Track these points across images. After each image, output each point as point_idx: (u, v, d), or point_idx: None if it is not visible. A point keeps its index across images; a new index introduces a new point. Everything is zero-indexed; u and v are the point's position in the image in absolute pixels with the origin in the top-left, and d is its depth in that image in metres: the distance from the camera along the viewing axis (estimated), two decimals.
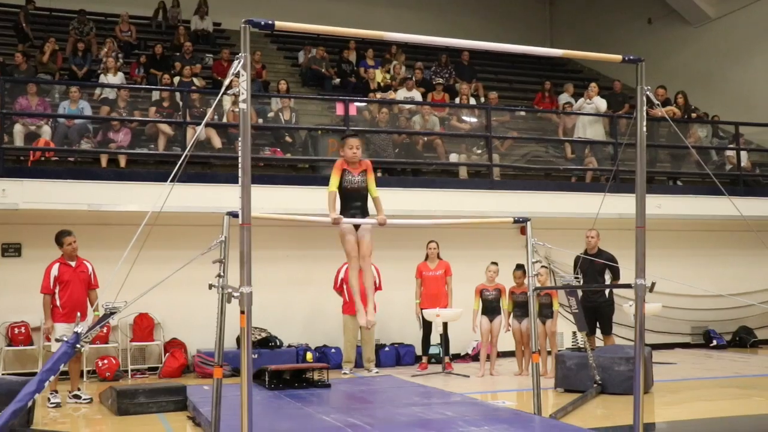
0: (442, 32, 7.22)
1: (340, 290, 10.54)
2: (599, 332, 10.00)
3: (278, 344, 10.74)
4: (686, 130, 13.60)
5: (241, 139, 4.21)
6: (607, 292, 9.89)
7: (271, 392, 8.01)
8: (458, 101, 13.69)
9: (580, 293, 8.90)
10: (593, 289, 9.74)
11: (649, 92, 5.20)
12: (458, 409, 6.88)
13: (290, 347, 10.80)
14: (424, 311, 10.27)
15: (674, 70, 16.83)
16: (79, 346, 4.47)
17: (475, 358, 11.31)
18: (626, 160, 11.79)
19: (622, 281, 9.47)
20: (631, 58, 5.19)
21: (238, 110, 4.28)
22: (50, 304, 8.28)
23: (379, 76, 15.05)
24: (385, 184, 10.47)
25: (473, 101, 14.12)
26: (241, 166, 4.17)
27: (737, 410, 7.76)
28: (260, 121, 11.78)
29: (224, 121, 11.36)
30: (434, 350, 10.74)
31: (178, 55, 14.22)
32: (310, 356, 10.65)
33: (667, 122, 11.68)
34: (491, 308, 10.09)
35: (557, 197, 11.91)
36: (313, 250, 11.01)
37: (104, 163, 10.68)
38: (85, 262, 8.49)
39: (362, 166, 6.02)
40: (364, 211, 6.04)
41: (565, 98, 14.73)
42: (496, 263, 10.22)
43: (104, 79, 12.53)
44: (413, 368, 10.70)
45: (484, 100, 14.45)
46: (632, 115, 7.39)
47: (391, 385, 8.69)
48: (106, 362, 10.06)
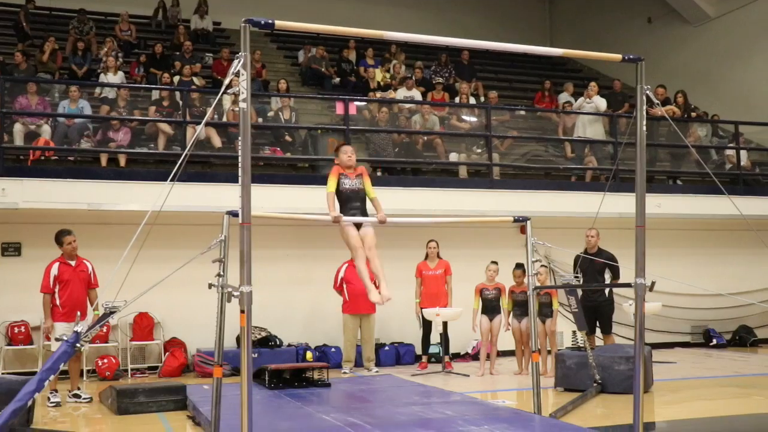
0: (442, 31, 7.23)
1: (340, 289, 10.54)
2: (599, 331, 9.98)
3: (278, 343, 10.75)
4: (686, 129, 13.59)
5: (241, 138, 4.21)
6: (606, 291, 9.88)
7: (271, 391, 8.01)
8: (458, 100, 13.69)
9: (579, 292, 8.91)
10: (593, 288, 9.74)
11: (648, 91, 5.20)
12: (458, 408, 6.88)
13: (290, 346, 10.80)
14: (423, 310, 10.27)
15: (674, 69, 16.82)
16: (78, 345, 4.46)
17: (475, 357, 11.32)
18: (626, 159, 11.78)
19: (622, 280, 9.46)
20: (630, 57, 5.20)
21: (237, 109, 4.28)
22: (50, 303, 8.27)
23: (378, 75, 15.04)
24: (384, 183, 10.50)
25: (473, 100, 14.10)
26: (241, 165, 4.18)
27: (737, 409, 7.77)
28: (260, 120, 11.77)
29: (224, 120, 11.35)
30: (434, 349, 10.73)
31: (178, 54, 14.20)
32: (310, 355, 10.66)
33: (666, 121, 11.68)
34: (491, 307, 10.08)
35: (557, 196, 11.90)
36: (313, 249, 11.02)
37: (104, 162, 10.67)
38: (84, 261, 8.48)
39: (357, 170, 6.21)
40: (363, 211, 6.15)
41: (564, 97, 14.72)
42: (495, 262, 10.22)
43: (104, 78, 12.53)
44: (413, 367, 10.71)
45: (483, 99, 14.43)
46: (632, 114, 7.40)
47: (391, 384, 8.69)
48: (105, 361, 10.06)
